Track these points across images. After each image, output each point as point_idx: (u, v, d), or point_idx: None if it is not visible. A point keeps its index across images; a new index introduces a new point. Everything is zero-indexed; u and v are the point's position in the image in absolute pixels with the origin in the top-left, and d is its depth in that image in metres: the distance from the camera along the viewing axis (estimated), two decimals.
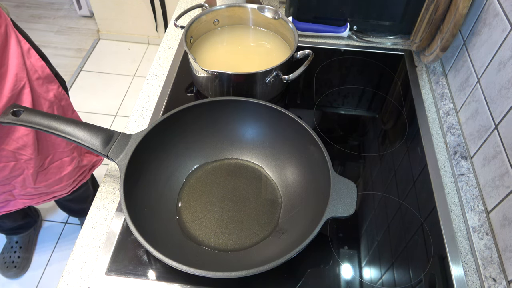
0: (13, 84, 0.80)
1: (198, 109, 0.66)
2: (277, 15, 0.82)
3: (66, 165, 0.98)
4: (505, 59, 0.61)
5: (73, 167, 1.00)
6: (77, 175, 1.04)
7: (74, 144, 0.97)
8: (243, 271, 0.48)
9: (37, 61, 0.86)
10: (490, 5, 0.67)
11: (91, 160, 1.07)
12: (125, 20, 2.24)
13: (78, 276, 0.57)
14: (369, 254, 0.60)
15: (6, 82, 0.79)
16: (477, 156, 0.66)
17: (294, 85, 0.86)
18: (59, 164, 0.97)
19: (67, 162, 0.98)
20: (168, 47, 0.93)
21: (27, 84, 0.82)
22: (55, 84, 0.91)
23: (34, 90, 0.85)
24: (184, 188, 0.66)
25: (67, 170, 0.99)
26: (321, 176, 0.58)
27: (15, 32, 0.81)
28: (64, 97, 0.94)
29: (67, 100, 0.95)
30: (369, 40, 0.96)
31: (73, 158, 0.99)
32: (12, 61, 0.80)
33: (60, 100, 0.93)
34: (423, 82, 0.87)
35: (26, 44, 0.84)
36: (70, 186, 1.04)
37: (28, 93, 0.83)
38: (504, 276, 0.55)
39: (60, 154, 0.96)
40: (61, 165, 0.98)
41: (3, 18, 0.79)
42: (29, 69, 0.84)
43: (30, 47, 0.84)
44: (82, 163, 1.03)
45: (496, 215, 0.58)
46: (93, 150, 0.59)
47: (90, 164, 1.07)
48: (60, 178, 0.99)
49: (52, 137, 0.92)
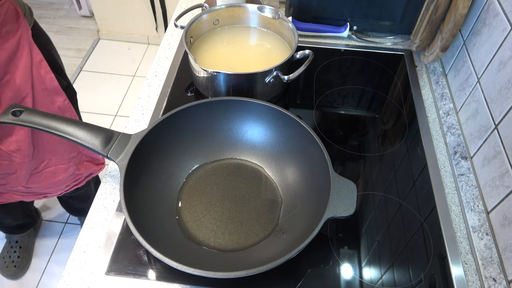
0: (13, 94, 0.81)
1: (198, 109, 0.66)
2: (277, 15, 0.82)
3: (60, 171, 0.99)
4: (505, 59, 0.61)
5: (67, 174, 1.01)
6: (71, 181, 1.05)
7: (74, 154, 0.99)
8: (243, 271, 0.48)
9: (47, 73, 0.87)
10: (490, 5, 0.67)
11: (89, 169, 1.07)
12: (125, 20, 2.24)
13: (78, 276, 0.57)
14: (369, 254, 0.60)
15: (8, 91, 0.81)
16: (477, 156, 0.66)
17: (294, 85, 0.86)
18: (53, 170, 0.98)
19: (62, 169, 0.99)
20: (168, 47, 0.93)
21: (29, 94, 0.83)
22: (62, 97, 0.92)
23: (37, 101, 0.86)
24: (184, 188, 0.66)
25: (61, 176, 1.00)
26: (321, 176, 0.58)
27: (29, 44, 0.82)
28: (69, 109, 0.95)
29: (72, 112, 0.96)
30: (369, 40, 0.96)
31: (69, 167, 1.00)
32: (19, 72, 0.81)
33: (64, 112, 0.94)
34: (423, 82, 0.87)
35: (39, 55, 0.85)
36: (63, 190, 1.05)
37: (29, 103, 0.84)
38: (504, 276, 0.55)
39: (57, 161, 0.97)
40: (56, 171, 0.98)
41: (21, 28, 0.80)
42: (35, 80, 0.85)
43: (42, 59, 0.85)
44: (78, 171, 1.04)
45: (496, 215, 0.58)
46: (93, 150, 0.59)
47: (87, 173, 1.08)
48: (52, 183, 1.00)
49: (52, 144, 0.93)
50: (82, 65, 2.19)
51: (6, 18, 0.76)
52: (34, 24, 0.88)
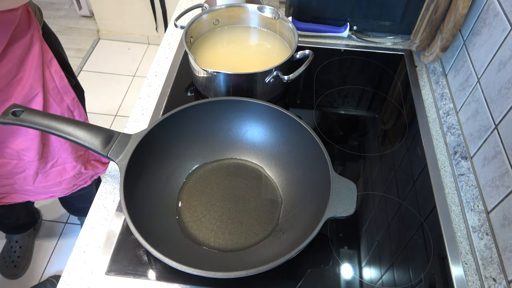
0: (26, 92, 0.82)
1: (198, 109, 0.66)
2: (277, 15, 0.82)
3: (68, 170, 0.99)
4: (505, 59, 0.61)
5: (74, 173, 1.01)
6: (78, 180, 1.05)
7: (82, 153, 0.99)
8: (243, 271, 0.48)
9: (57, 71, 0.87)
10: (490, 5, 0.67)
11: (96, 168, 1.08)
12: (125, 20, 2.24)
13: (78, 276, 0.57)
14: (369, 254, 0.60)
15: (20, 89, 0.81)
16: (477, 156, 0.66)
17: (294, 85, 0.86)
18: (61, 169, 0.98)
19: (69, 168, 0.99)
20: (168, 47, 0.93)
21: (40, 93, 0.84)
22: (71, 95, 0.92)
23: (47, 99, 0.87)
24: (184, 188, 0.66)
25: (68, 175, 1.00)
26: (321, 176, 0.58)
27: (40, 41, 0.83)
28: (78, 107, 0.96)
29: (80, 110, 0.97)
30: (369, 40, 0.96)
31: (76, 166, 1.00)
32: (30, 71, 0.81)
33: (74, 110, 0.95)
34: (423, 82, 0.87)
35: (50, 54, 0.86)
36: (69, 189, 1.05)
37: (39, 102, 0.85)
38: (504, 276, 0.55)
39: (65, 159, 0.97)
40: (63, 169, 0.99)
41: (32, 27, 0.81)
42: (46, 78, 0.85)
43: (52, 57, 0.86)
44: (85, 170, 1.04)
45: (496, 215, 0.58)
46: (93, 150, 0.59)
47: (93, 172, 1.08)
48: (60, 182, 1.00)
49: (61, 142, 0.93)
50: (82, 65, 2.19)
51: (20, 19, 0.78)
52: (43, 24, 0.89)
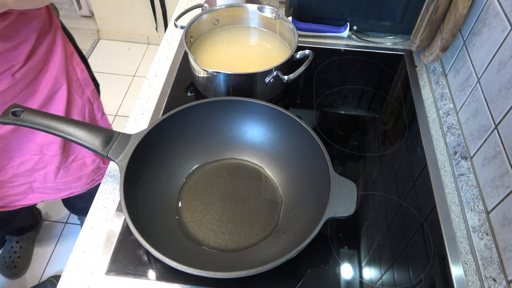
0: (51, 86, 0.85)
1: (198, 109, 0.66)
2: (277, 15, 0.82)
3: (87, 164, 1.01)
4: (505, 59, 0.61)
5: (93, 167, 1.02)
6: (96, 174, 1.06)
7: None
8: (243, 271, 0.48)
9: (78, 63, 0.92)
10: (490, 5, 0.67)
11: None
12: (125, 20, 2.24)
13: (78, 276, 0.57)
14: (369, 254, 0.60)
15: (45, 83, 0.85)
16: (477, 156, 0.66)
17: (294, 85, 0.86)
18: (81, 163, 0.99)
19: (89, 162, 1.01)
20: (168, 47, 0.93)
21: (64, 85, 0.88)
22: (91, 87, 0.96)
23: (70, 92, 0.90)
24: (184, 188, 0.66)
25: (88, 169, 1.01)
26: (321, 176, 0.58)
27: (62, 36, 0.88)
28: (97, 99, 0.99)
29: (99, 102, 1.00)
30: (369, 40, 0.96)
31: (95, 160, 1.02)
32: (55, 65, 0.86)
33: (93, 102, 0.97)
34: (423, 82, 0.87)
35: (71, 47, 0.90)
36: (88, 184, 1.06)
37: (63, 94, 0.88)
38: (504, 276, 0.55)
39: (84, 154, 0.99)
40: (83, 164, 1.00)
41: (54, 25, 0.86)
42: (69, 71, 0.89)
43: (73, 50, 0.91)
44: (102, 165, 1.05)
45: (496, 215, 0.58)
46: (93, 150, 0.59)
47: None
48: (80, 177, 1.01)
49: None
50: None
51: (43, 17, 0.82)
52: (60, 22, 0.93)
